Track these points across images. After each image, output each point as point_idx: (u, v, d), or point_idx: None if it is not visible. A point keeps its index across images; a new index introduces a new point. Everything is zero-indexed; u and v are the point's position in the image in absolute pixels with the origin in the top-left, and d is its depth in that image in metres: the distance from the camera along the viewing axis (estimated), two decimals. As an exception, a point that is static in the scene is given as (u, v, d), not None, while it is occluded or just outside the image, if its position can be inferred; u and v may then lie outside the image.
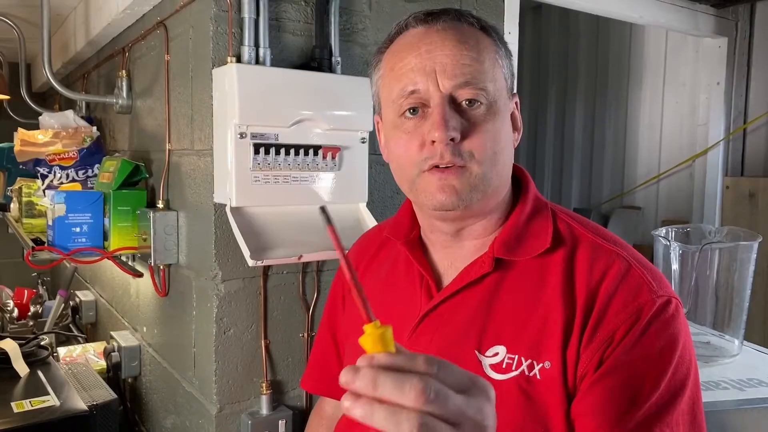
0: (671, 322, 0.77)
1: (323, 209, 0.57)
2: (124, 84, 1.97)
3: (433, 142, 0.78)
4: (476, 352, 0.81)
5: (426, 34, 0.82)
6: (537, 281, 0.82)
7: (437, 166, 0.79)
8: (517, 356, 0.79)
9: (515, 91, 0.89)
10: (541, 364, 0.77)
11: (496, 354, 0.80)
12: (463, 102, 0.80)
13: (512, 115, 0.87)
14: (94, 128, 2.17)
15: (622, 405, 0.73)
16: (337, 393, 1.09)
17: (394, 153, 0.86)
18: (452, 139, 0.77)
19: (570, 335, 0.77)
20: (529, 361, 0.78)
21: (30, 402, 1.43)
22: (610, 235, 0.86)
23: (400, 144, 0.83)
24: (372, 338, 0.53)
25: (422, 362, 0.51)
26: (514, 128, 0.88)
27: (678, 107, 3.27)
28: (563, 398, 0.76)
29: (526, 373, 0.78)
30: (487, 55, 0.82)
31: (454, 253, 0.90)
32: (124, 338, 2.03)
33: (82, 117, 2.29)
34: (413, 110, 0.81)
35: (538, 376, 0.77)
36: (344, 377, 0.50)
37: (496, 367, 0.79)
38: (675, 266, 1.48)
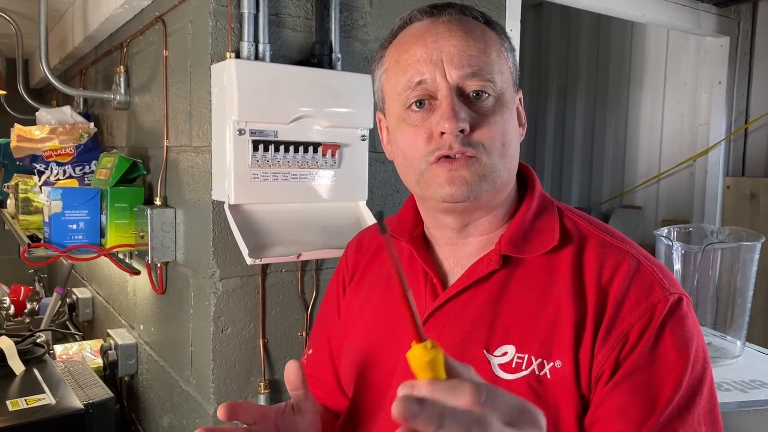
0: (685, 321, 0.77)
1: (380, 215, 0.57)
2: (122, 80, 1.95)
3: (442, 133, 0.77)
4: (484, 351, 0.80)
5: (432, 26, 0.82)
6: (545, 279, 0.81)
7: (446, 157, 0.78)
8: (527, 355, 0.77)
9: (519, 86, 0.88)
10: (551, 363, 0.76)
11: (505, 353, 0.79)
12: (471, 93, 0.79)
13: (517, 110, 0.86)
14: (92, 124, 2.15)
15: (643, 409, 0.72)
16: (330, 403, 1.06)
17: (400, 147, 0.84)
18: (461, 131, 0.77)
19: (582, 334, 0.76)
20: (540, 360, 0.77)
21: (25, 400, 1.41)
22: (617, 233, 0.85)
23: (406, 137, 0.82)
24: (421, 363, 0.51)
25: (469, 392, 0.50)
26: (519, 123, 0.87)
27: (679, 106, 3.26)
28: (575, 398, 0.75)
29: (537, 372, 0.76)
30: (493, 47, 0.81)
31: (459, 251, 0.89)
32: (120, 336, 2.02)
33: (79, 113, 2.27)
34: (420, 103, 0.80)
35: (549, 376, 0.76)
36: (409, 409, 0.47)
37: (505, 367, 0.78)
38: (677, 266, 1.47)
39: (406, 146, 0.82)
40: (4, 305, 2.64)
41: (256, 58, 1.35)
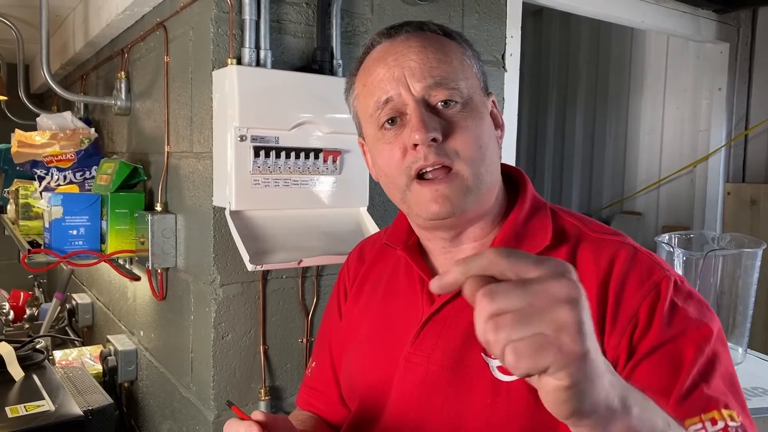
0: (693, 295, 0.77)
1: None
2: (123, 85, 1.96)
3: (415, 146, 0.78)
4: (482, 354, 0.80)
5: (391, 46, 0.84)
6: None
7: (422, 177, 0.79)
8: None
9: (490, 90, 0.89)
10: None
11: None
12: (438, 103, 0.80)
13: (492, 114, 0.87)
14: (92, 130, 2.16)
15: (667, 378, 0.72)
16: (331, 416, 1.05)
17: (379, 166, 0.86)
18: (434, 140, 0.78)
19: None
20: None
21: (25, 407, 1.41)
22: (610, 229, 0.86)
23: (383, 155, 0.83)
24: None
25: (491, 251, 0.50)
26: (496, 126, 0.88)
27: (679, 113, 3.26)
28: None
29: None
30: (453, 56, 0.83)
31: (454, 257, 0.89)
32: (120, 342, 2.02)
33: (80, 118, 2.27)
34: (392, 120, 0.82)
35: None
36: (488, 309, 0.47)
37: (504, 369, 0.78)
38: (678, 273, 1.47)
39: (384, 164, 0.84)
40: (4, 311, 2.63)
41: (258, 64, 1.35)
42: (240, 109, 1.27)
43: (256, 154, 1.29)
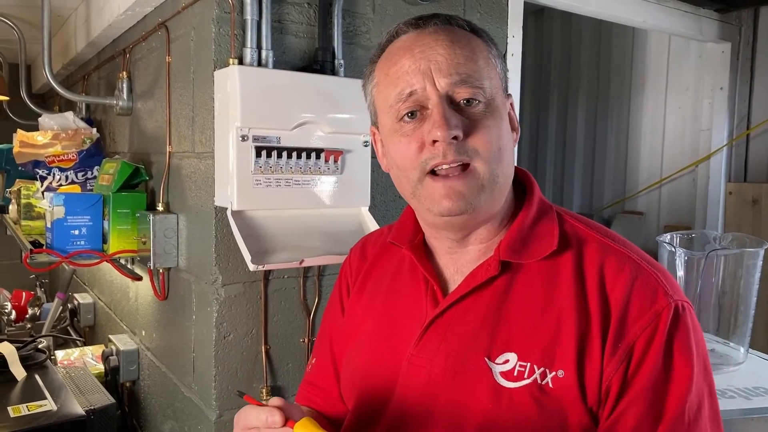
0: (690, 331, 0.77)
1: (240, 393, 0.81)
2: (125, 85, 1.96)
3: (434, 142, 0.77)
4: (486, 359, 0.79)
5: (418, 37, 0.82)
6: (546, 284, 0.81)
7: (435, 173, 0.79)
8: (529, 364, 0.77)
9: (510, 92, 0.89)
10: (554, 373, 0.76)
11: (507, 361, 0.78)
12: (462, 101, 0.79)
13: (509, 115, 0.87)
14: (94, 130, 2.16)
15: (654, 425, 0.73)
16: (331, 412, 1.05)
17: (393, 159, 0.85)
18: (455, 138, 0.77)
19: (586, 345, 0.76)
20: (542, 369, 0.76)
21: (27, 406, 1.41)
22: (617, 236, 0.85)
23: (399, 148, 0.82)
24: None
25: None
26: (512, 128, 0.87)
27: (681, 112, 3.26)
28: (580, 408, 0.75)
29: (539, 381, 0.76)
30: (480, 54, 0.82)
31: (459, 259, 0.88)
32: (122, 342, 2.02)
33: (81, 118, 2.27)
34: (411, 114, 0.81)
35: (551, 385, 0.76)
36: None
37: (507, 375, 0.78)
38: (680, 273, 1.47)
39: (399, 157, 0.82)
40: (6, 310, 2.64)
41: (259, 64, 1.35)
42: (242, 109, 1.28)
43: (258, 154, 1.29)
